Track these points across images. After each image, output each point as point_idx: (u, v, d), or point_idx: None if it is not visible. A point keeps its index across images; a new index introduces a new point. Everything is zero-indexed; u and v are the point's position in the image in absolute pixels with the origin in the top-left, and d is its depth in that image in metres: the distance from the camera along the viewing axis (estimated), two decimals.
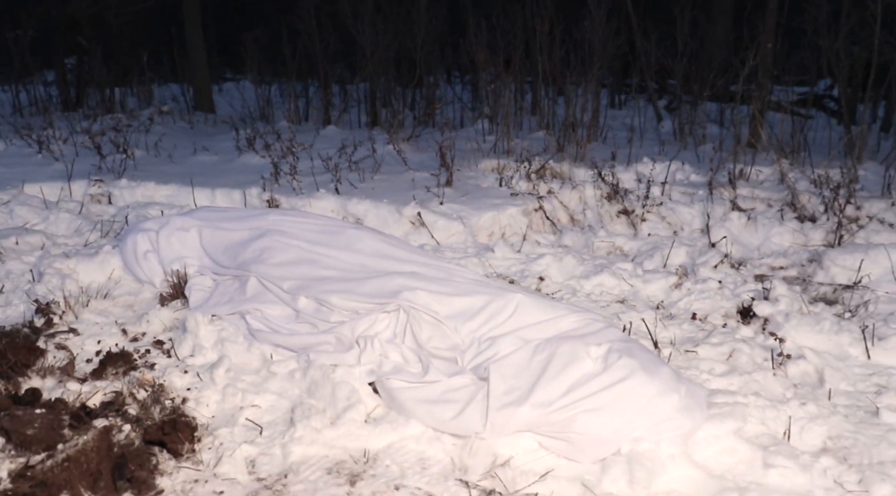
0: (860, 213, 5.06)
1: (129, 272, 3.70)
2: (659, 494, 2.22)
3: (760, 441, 2.47)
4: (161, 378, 2.76)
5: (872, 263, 4.10)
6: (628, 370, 2.44)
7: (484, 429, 2.39)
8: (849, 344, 3.24)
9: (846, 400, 2.83)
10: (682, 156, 6.48)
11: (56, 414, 2.44)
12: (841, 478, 2.32)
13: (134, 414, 2.50)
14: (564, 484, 2.24)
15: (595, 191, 5.29)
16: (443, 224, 4.61)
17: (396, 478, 2.29)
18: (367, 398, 2.63)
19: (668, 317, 3.58)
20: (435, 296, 2.91)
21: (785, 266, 4.43)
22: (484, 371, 2.57)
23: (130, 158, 5.82)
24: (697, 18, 8.53)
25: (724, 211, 5.03)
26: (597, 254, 4.52)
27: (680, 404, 2.40)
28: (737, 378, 2.89)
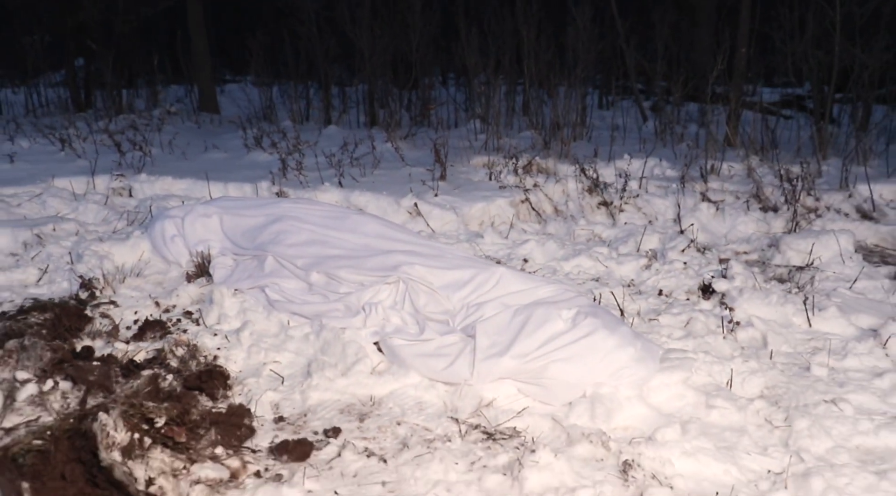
0: (819, 203, 5.54)
1: (157, 254, 4.15)
2: (617, 428, 2.67)
3: (706, 389, 2.93)
4: (194, 340, 3.21)
5: (823, 247, 4.57)
6: (592, 327, 2.90)
7: (471, 377, 2.84)
8: (793, 314, 3.70)
9: (785, 359, 3.29)
10: (660, 153, 6.94)
11: (109, 366, 2.89)
12: (770, 416, 2.78)
13: (175, 366, 2.95)
14: (538, 419, 2.70)
15: (577, 184, 5.76)
16: (437, 214, 5.07)
17: (398, 417, 2.74)
18: (372, 354, 3.08)
19: (637, 293, 4.04)
20: (430, 270, 3.36)
21: (748, 251, 4.89)
22: (471, 330, 3.03)
23: (148, 155, 6.27)
24: (681, 24, 9.01)
25: (694, 202, 5.50)
26: (577, 240, 4.98)
27: (636, 355, 2.85)
28: (691, 341, 3.35)
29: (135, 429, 2.34)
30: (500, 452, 2.47)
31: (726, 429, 2.68)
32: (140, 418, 2.41)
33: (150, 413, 2.43)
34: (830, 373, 3.11)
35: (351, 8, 8.62)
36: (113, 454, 2.17)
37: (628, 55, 8.65)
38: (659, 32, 8.18)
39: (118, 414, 2.36)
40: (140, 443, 2.24)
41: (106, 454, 2.23)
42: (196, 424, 2.48)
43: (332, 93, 9.94)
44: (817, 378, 3.08)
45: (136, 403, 2.51)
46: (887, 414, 2.77)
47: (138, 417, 2.40)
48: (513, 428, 2.65)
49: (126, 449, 2.28)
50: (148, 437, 2.28)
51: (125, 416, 2.37)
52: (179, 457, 2.31)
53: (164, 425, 2.34)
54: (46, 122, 8.10)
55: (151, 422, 2.41)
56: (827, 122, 6.86)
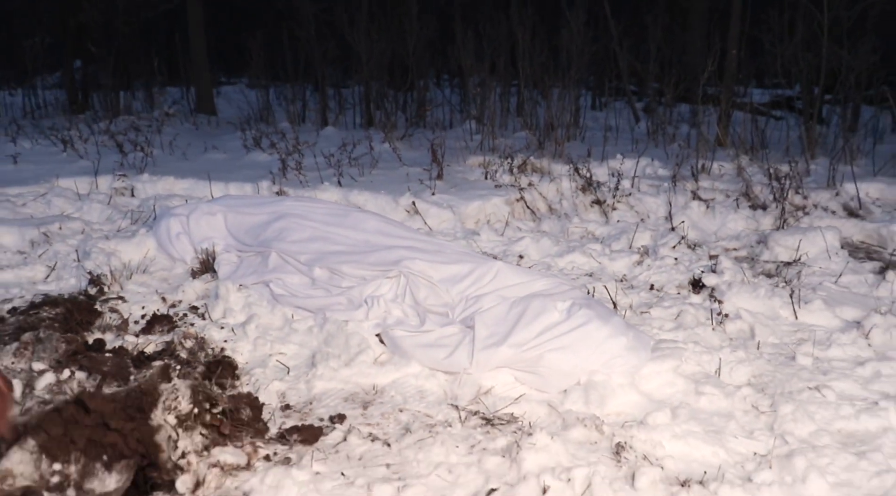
0: (807, 201, 5.68)
1: (162, 251, 4.26)
2: (610, 414, 2.79)
3: (695, 377, 3.05)
4: (201, 333, 3.32)
5: (810, 244, 4.70)
6: (586, 318, 3.02)
7: (470, 366, 2.96)
8: (780, 306, 3.83)
9: (771, 349, 3.41)
10: (652, 153, 7.08)
11: (121, 357, 2.99)
12: (757, 402, 2.90)
13: (184, 358, 3.06)
14: (535, 405, 2.82)
15: (571, 183, 5.88)
16: (434, 212, 5.19)
17: (400, 404, 2.85)
18: (374, 346, 3.19)
19: (630, 287, 4.16)
20: (429, 264, 3.48)
21: (737, 247, 5.01)
22: (470, 321, 3.15)
23: (149, 156, 6.37)
24: (673, 26, 9.15)
25: (685, 200, 5.62)
26: (571, 237, 5.10)
27: (628, 345, 2.98)
28: (681, 332, 3.47)
29: (198, 404, 2.49)
30: (499, 436, 2.59)
31: (714, 414, 2.81)
32: (205, 396, 2.55)
33: (214, 396, 2.58)
34: (815, 363, 3.24)
35: (349, 11, 8.74)
36: (168, 417, 2.30)
37: (621, 57, 8.79)
38: (651, 35, 8.32)
39: (188, 385, 2.51)
40: (196, 417, 2.38)
41: (161, 415, 2.37)
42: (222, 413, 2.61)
43: (329, 95, 10.06)
44: (802, 367, 3.20)
45: (206, 384, 2.66)
46: (868, 399, 2.90)
47: (203, 396, 2.55)
48: (510, 414, 2.77)
49: (182, 418, 2.42)
50: (207, 415, 2.42)
51: (194, 389, 2.52)
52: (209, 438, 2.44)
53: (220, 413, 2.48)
54: (48, 123, 8.19)
55: (213, 403, 2.55)
56: (815, 122, 6.99)
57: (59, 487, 2.17)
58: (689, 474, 2.40)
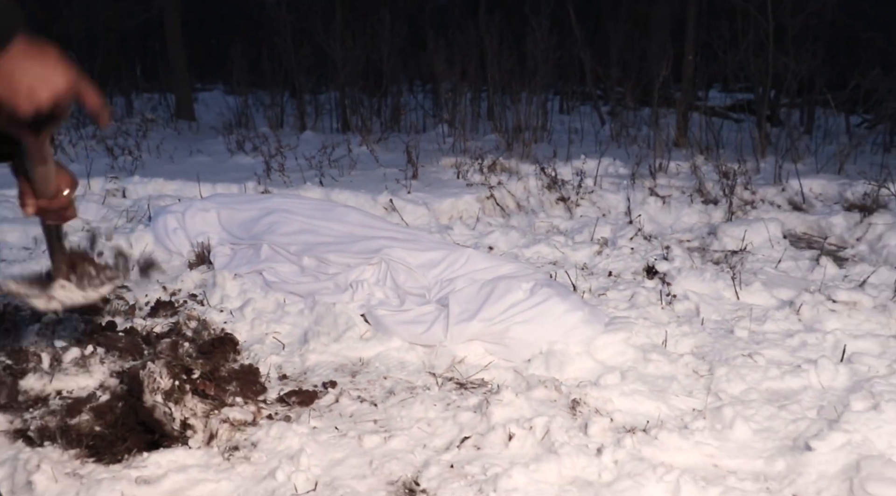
0: (755, 196, 6.14)
1: (160, 245, 4.60)
2: (568, 378, 3.18)
3: (643, 347, 3.45)
4: (202, 316, 3.68)
5: (755, 234, 5.14)
6: (546, 296, 3.42)
7: (445, 339, 3.34)
8: (723, 289, 4.25)
9: (713, 324, 3.83)
10: (614, 153, 7.52)
11: (133, 337, 3.34)
12: (696, 368, 3.31)
13: (190, 336, 3.42)
14: (502, 371, 3.21)
15: (537, 182, 6.30)
16: (411, 209, 5.57)
17: (384, 373, 3.23)
18: (360, 324, 3.56)
19: (590, 274, 4.57)
20: (407, 252, 3.87)
21: (690, 239, 5.45)
22: (445, 301, 3.53)
23: (138, 159, 6.70)
24: (635, 33, 9.64)
25: (643, 197, 6.06)
26: (537, 231, 5.51)
27: (584, 318, 3.38)
28: (634, 311, 3.88)
29: (176, 377, 2.82)
30: (471, 396, 2.98)
31: (659, 377, 3.21)
32: (181, 369, 2.89)
33: (189, 365, 2.92)
34: (750, 335, 3.66)
35: (324, 20, 9.11)
36: (156, 397, 2.64)
37: (586, 62, 9.24)
38: (614, 41, 8.78)
39: (163, 364, 2.85)
40: (180, 389, 2.71)
41: (150, 396, 2.70)
42: (224, 379, 2.97)
43: (306, 100, 10.42)
44: (739, 338, 3.62)
45: (178, 357, 3.01)
46: (793, 364, 3.31)
47: (179, 368, 2.89)
48: (481, 379, 3.16)
49: (168, 393, 2.76)
50: (187, 385, 2.75)
51: (168, 366, 2.85)
52: (208, 402, 2.78)
53: (199, 378, 2.82)
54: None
55: (189, 372, 2.89)
56: (765, 124, 7.48)
57: None
58: (634, 424, 2.80)
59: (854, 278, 4.42)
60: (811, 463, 2.51)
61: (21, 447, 2.58)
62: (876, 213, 5.41)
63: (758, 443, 2.70)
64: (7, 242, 4.66)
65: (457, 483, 2.42)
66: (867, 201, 5.64)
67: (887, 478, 2.28)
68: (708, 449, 2.64)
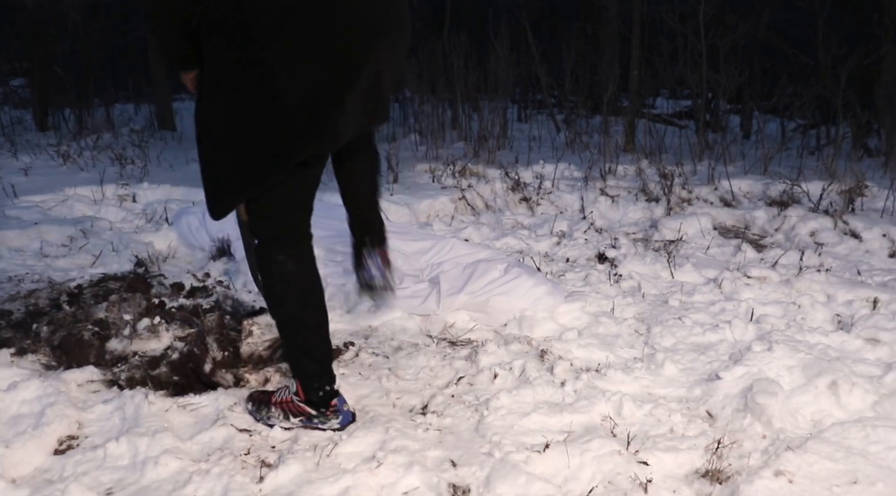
0: (691, 195, 7.07)
1: (184, 242, 5.33)
2: (536, 336, 3.99)
3: (595, 314, 4.29)
4: (234, 296, 4.44)
5: (689, 226, 6.05)
6: (518, 274, 4.26)
7: (438, 309, 4.16)
8: (661, 270, 5.12)
9: (652, 297, 4.69)
10: (569, 159, 8.41)
11: (183, 312, 4.09)
12: (637, 328, 4.17)
13: (229, 310, 4.18)
14: (485, 332, 4.04)
15: (502, 184, 7.15)
16: (394, 209, 6.37)
17: (391, 336, 4.03)
18: (365, 301, 4.36)
19: (551, 260, 5.42)
20: (402, 242, 4.68)
21: (635, 231, 6.34)
22: (436, 280, 4.35)
23: (146, 167, 7.39)
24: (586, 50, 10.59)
25: (595, 196, 6.95)
26: (504, 227, 6.35)
27: (548, 291, 4.22)
28: (588, 287, 4.73)
29: (224, 349, 3.60)
30: (462, 349, 3.81)
31: (608, 335, 4.05)
32: (228, 341, 3.67)
33: (234, 338, 3.70)
34: (681, 304, 4.53)
35: None
36: (211, 366, 3.43)
37: (542, 76, 10.15)
38: (567, 58, 9.70)
39: (214, 339, 3.62)
40: (230, 357, 3.51)
41: (208, 365, 3.49)
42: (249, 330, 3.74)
43: None
44: (672, 306, 4.49)
45: (224, 326, 3.78)
46: (713, 324, 4.15)
47: (226, 341, 3.66)
48: (468, 338, 3.98)
49: (220, 362, 3.54)
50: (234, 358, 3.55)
51: (218, 341, 3.63)
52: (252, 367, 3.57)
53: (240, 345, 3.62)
54: (49, 140, 9.08)
55: (234, 343, 3.67)
56: (703, 131, 8.45)
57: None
58: (588, 366, 3.64)
59: (769, 260, 5.34)
60: (720, 388, 3.37)
61: (117, 392, 3.32)
62: (790, 206, 6.37)
63: (682, 378, 3.55)
64: (48, 241, 5.36)
65: (457, 406, 3.24)
66: (784, 197, 6.61)
67: (770, 391, 3.15)
68: (644, 382, 3.49)
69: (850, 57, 8.15)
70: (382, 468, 2.68)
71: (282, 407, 3.02)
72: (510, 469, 2.67)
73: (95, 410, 3.16)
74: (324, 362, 2.98)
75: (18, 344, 3.69)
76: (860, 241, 5.74)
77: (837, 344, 3.79)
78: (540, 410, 3.15)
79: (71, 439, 2.99)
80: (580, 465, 2.74)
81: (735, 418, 3.12)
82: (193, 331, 3.82)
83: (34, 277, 4.74)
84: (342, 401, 3.03)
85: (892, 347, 3.77)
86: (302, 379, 2.96)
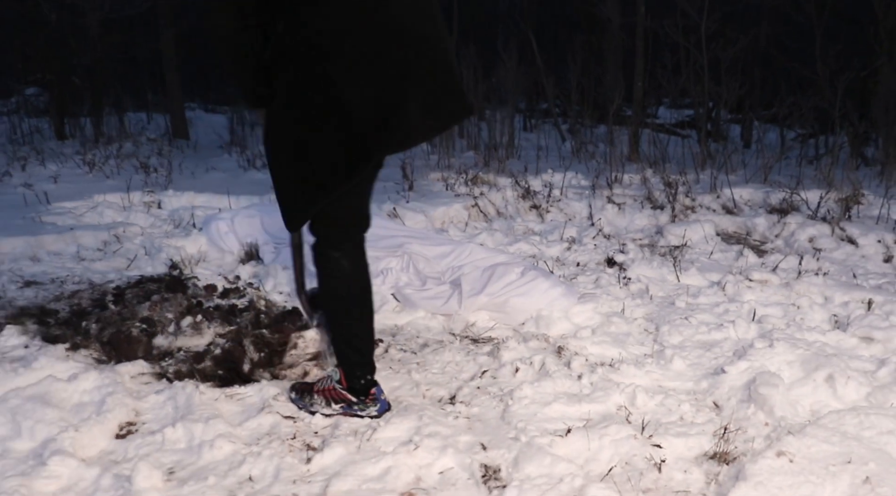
0: (695, 203, 7.35)
1: (213, 246, 5.59)
2: (554, 334, 4.27)
3: (607, 314, 4.56)
4: (266, 296, 4.71)
5: (693, 232, 6.33)
6: (534, 276, 4.53)
7: (460, 309, 4.43)
8: (667, 273, 5.40)
9: (659, 299, 4.96)
10: (576, 167, 8.70)
11: (221, 311, 4.36)
12: (646, 327, 4.44)
13: (263, 309, 4.46)
14: (504, 330, 4.31)
15: (513, 192, 7.43)
16: (410, 215, 6.65)
17: (416, 334, 4.30)
18: (391, 301, 4.62)
19: (562, 264, 5.69)
20: (424, 247, 4.96)
21: (641, 237, 6.61)
22: (457, 281, 4.62)
23: (170, 175, 7.68)
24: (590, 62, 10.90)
25: (602, 204, 7.23)
26: (516, 233, 6.62)
27: (563, 292, 4.50)
28: (599, 289, 5.01)
29: (260, 350, 3.87)
30: (484, 346, 4.08)
31: (619, 333, 4.32)
32: (263, 343, 3.94)
33: (268, 339, 3.97)
34: (687, 305, 4.80)
35: None
36: (250, 366, 3.70)
37: (548, 87, 10.44)
38: (573, 70, 10.01)
39: (250, 342, 3.89)
40: (266, 357, 3.78)
41: (247, 366, 3.75)
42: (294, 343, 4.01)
43: None
44: (678, 307, 4.76)
45: (259, 325, 4.05)
46: (717, 323, 4.43)
47: (262, 343, 3.93)
48: (489, 336, 4.25)
49: (258, 362, 3.81)
50: (271, 354, 3.82)
51: (255, 343, 3.90)
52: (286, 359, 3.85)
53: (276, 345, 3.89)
54: (74, 148, 9.37)
55: (270, 344, 3.94)
56: (705, 140, 8.74)
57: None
58: (602, 361, 3.91)
59: (769, 265, 5.61)
60: (725, 381, 3.64)
61: (167, 383, 3.59)
62: (790, 214, 6.66)
63: (689, 372, 3.83)
64: (83, 245, 5.63)
65: (483, 397, 3.51)
66: (784, 205, 6.89)
67: (772, 383, 3.42)
68: (654, 375, 3.76)
69: (847, 69, 8.45)
70: (419, 450, 2.94)
71: (324, 394, 3.29)
72: (536, 451, 2.94)
73: (149, 400, 3.42)
74: (366, 353, 3.25)
75: (71, 340, 3.96)
76: (856, 246, 6.03)
77: (834, 342, 4.07)
78: (560, 400, 3.42)
79: (130, 425, 3.25)
80: (599, 448, 3.01)
81: (739, 408, 3.39)
82: (233, 328, 4.09)
83: (75, 279, 5.00)
84: (380, 391, 3.30)
85: (886, 345, 4.05)
86: (345, 368, 3.23)
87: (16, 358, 3.72)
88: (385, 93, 2.74)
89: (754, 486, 2.63)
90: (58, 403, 3.28)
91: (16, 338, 3.95)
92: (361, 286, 3.22)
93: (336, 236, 3.11)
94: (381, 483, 2.79)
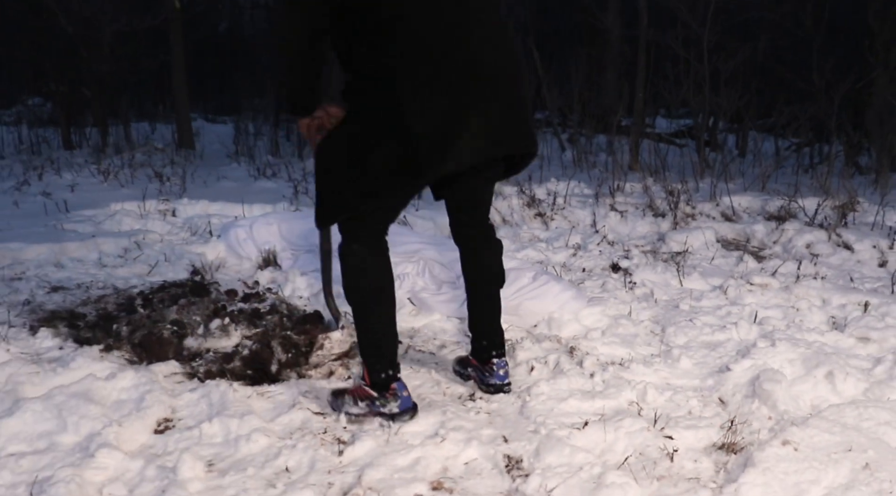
0: (695, 210, 7.56)
1: (232, 252, 5.77)
2: (565, 335, 4.45)
3: (615, 316, 4.75)
4: (287, 301, 4.89)
5: (695, 239, 6.53)
6: (545, 281, 4.72)
7: None
8: (671, 278, 5.59)
9: (664, 302, 5.15)
10: (578, 176, 8.91)
11: (245, 314, 4.54)
12: (653, 329, 4.64)
13: (285, 313, 4.63)
14: (517, 332, 4.49)
15: (518, 200, 7.63)
16: (420, 223, 6.84)
17: (433, 336, 4.48)
18: (408, 305, 4.80)
19: (568, 270, 5.88)
20: (438, 253, 5.14)
21: (643, 244, 6.81)
22: None
23: (184, 184, 7.87)
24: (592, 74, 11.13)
25: (605, 211, 7.43)
26: (522, 240, 6.82)
27: (573, 296, 4.69)
28: (606, 293, 5.20)
29: (287, 351, 4.05)
30: None
31: (627, 335, 4.51)
32: (290, 344, 4.12)
33: (295, 340, 4.15)
34: (691, 308, 4.99)
35: None
36: (277, 366, 3.88)
37: (550, 100, 10.67)
38: (574, 80, 10.23)
39: (278, 343, 4.07)
40: (292, 358, 3.95)
41: (275, 366, 3.93)
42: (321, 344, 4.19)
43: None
44: (682, 310, 4.95)
45: (283, 327, 4.23)
46: (720, 325, 4.61)
47: (289, 344, 4.11)
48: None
49: (285, 363, 3.98)
50: (297, 355, 4.00)
51: (282, 344, 4.08)
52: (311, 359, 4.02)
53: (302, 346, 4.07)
54: (83, 158, 9.56)
55: (297, 346, 4.12)
56: (703, 150, 8.96)
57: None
58: (613, 360, 4.10)
59: (769, 269, 5.82)
60: (730, 378, 3.83)
61: (199, 382, 3.76)
62: (788, 221, 6.87)
63: (696, 370, 4.01)
64: (105, 251, 5.81)
65: (502, 393, 3.70)
66: (782, 212, 7.10)
67: (775, 380, 3.61)
68: (663, 374, 3.95)
69: (842, 81, 8.69)
70: (446, 443, 3.13)
71: (352, 394, 3.46)
72: (555, 443, 3.12)
73: (184, 397, 3.59)
74: (385, 348, 3.41)
75: (103, 341, 4.13)
76: (852, 252, 6.24)
77: (833, 342, 4.27)
78: (575, 396, 3.60)
79: (167, 421, 3.43)
80: (615, 439, 3.19)
81: (744, 403, 3.58)
82: (259, 330, 4.27)
83: (99, 284, 5.18)
84: (402, 387, 3.45)
85: (882, 344, 4.25)
86: (367, 363, 3.41)
87: (53, 358, 3.90)
88: (446, 116, 2.96)
89: (762, 472, 2.82)
90: (99, 400, 3.45)
91: (50, 340, 4.13)
92: (382, 280, 3.38)
93: (359, 230, 3.28)
94: (412, 472, 2.96)
